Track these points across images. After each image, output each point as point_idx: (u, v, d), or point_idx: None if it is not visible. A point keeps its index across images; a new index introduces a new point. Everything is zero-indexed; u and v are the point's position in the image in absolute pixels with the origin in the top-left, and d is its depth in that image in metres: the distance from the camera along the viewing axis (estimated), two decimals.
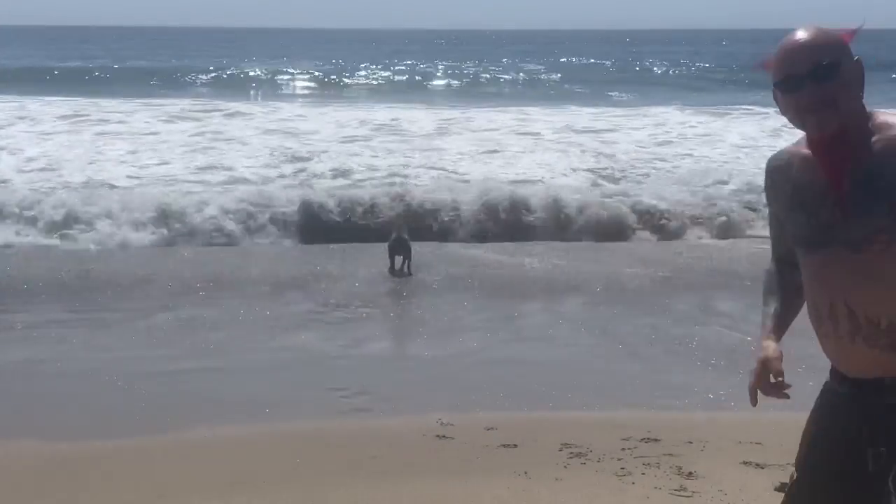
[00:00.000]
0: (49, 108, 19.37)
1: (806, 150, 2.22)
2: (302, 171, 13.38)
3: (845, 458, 2.21)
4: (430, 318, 7.57)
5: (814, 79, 2.11)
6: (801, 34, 2.17)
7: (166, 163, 13.84)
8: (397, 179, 12.72)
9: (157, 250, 9.88)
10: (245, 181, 12.68)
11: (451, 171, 13.37)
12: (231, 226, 10.39)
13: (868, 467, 2.15)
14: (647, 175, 13.34)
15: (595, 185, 12.66)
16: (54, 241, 10.04)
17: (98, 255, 9.58)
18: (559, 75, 36.52)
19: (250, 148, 15.11)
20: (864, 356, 2.15)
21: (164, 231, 10.28)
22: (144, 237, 10.09)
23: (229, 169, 13.40)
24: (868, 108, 2.17)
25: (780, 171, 2.29)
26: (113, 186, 12.16)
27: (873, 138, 2.12)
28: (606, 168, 13.72)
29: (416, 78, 35.74)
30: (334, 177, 12.99)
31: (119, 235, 10.03)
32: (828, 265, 2.16)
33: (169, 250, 9.88)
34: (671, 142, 16.52)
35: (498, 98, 28.03)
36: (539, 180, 12.90)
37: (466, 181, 12.61)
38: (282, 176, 13.09)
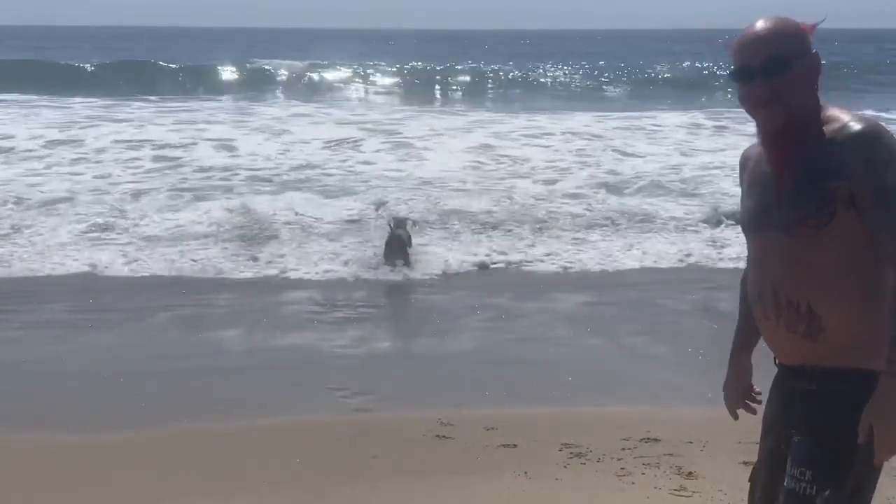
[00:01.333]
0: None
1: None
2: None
3: (775, 441, 2.34)
4: (430, 317, 7.56)
5: (764, 73, 2.18)
6: (759, 24, 2.22)
7: None
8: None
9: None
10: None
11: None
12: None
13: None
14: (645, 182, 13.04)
15: (602, 192, 12.48)
16: None
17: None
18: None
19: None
20: (787, 341, 2.26)
21: None
22: None
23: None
24: (821, 101, 2.23)
25: (742, 163, 2.42)
26: None
27: (819, 130, 2.18)
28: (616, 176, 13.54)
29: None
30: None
31: None
32: (763, 248, 2.27)
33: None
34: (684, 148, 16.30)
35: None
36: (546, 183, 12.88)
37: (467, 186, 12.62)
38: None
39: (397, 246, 8.82)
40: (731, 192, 11.82)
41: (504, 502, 4.14)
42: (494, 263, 9.26)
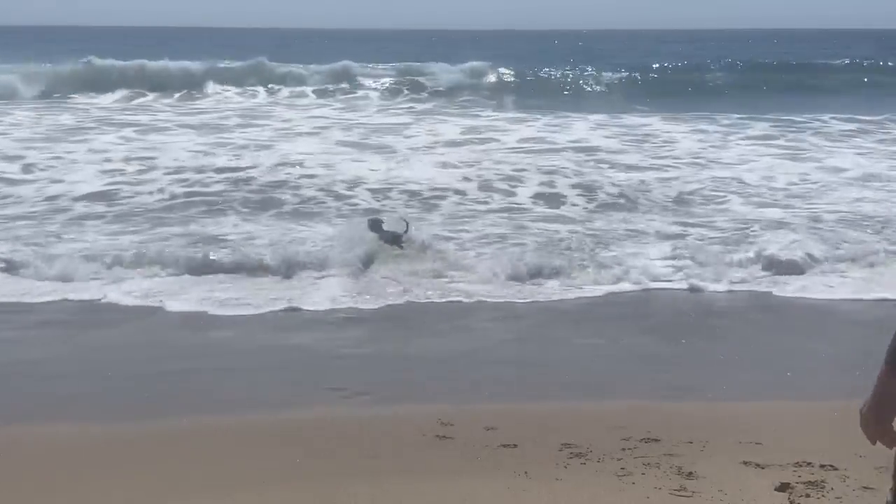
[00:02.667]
0: None
1: None
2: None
3: None
4: (430, 318, 7.56)
5: None
6: None
7: None
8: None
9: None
10: None
11: None
12: None
13: None
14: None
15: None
16: None
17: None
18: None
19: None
20: None
21: None
22: None
23: None
24: None
25: None
26: None
27: None
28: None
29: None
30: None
31: None
32: None
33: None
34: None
35: None
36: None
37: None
38: None
39: (387, 238, 8.93)
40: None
41: (504, 502, 4.14)
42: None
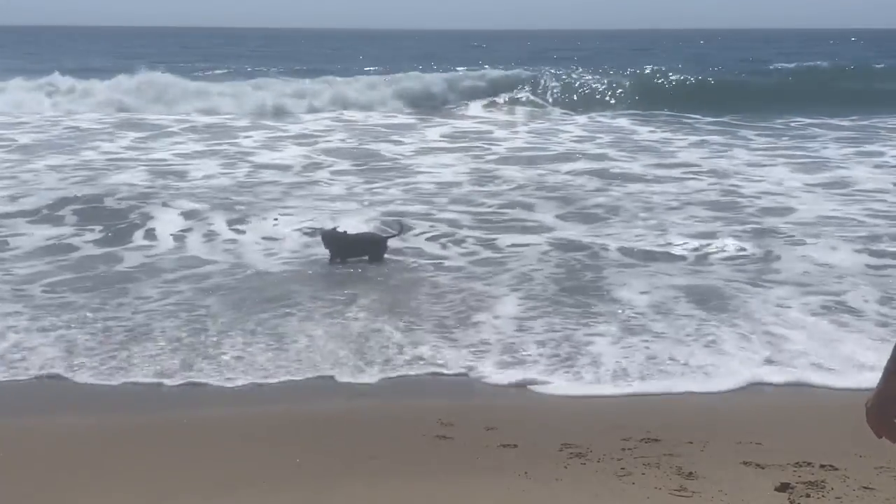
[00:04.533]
0: None
1: None
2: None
3: None
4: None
5: None
6: None
7: None
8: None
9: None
10: None
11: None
12: None
13: None
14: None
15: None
16: None
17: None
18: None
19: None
20: None
21: None
22: None
23: None
24: None
25: None
26: None
27: None
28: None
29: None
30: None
31: None
32: None
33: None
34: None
35: None
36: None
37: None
38: None
39: (375, 252, 8.98)
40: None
41: (504, 502, 4.14)
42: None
